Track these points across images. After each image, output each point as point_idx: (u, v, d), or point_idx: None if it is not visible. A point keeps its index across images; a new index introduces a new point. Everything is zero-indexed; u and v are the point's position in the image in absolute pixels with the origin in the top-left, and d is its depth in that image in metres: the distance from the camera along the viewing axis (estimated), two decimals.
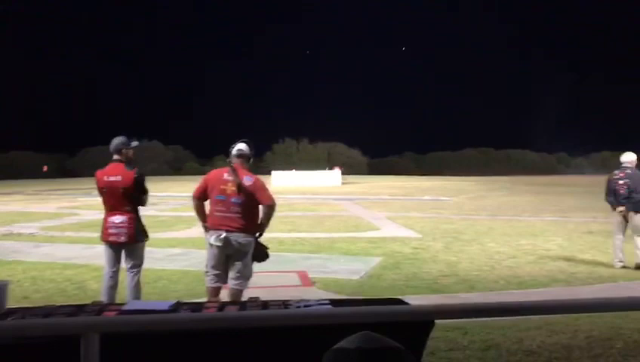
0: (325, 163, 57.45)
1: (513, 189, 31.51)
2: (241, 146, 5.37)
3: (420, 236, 11.88)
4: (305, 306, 3.08)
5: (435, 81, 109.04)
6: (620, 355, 4.52)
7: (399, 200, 23.53)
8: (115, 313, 2.96)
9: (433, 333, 3.43)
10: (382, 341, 0.99)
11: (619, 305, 2.38)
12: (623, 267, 8.20)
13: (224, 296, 5.21)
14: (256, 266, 5.45)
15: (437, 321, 3.01)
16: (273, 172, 38.43)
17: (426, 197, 24.64)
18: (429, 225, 13.97)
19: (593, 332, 4.99)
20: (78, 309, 3.03)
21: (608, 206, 8.67)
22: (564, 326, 5.07)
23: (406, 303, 3.03)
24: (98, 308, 3.06)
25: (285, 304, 3.13)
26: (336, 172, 38.83)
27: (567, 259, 9.06)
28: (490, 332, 4.91)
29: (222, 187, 5.16)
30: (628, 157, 8.48)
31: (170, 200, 21.98)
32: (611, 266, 8.33)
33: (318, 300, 3.28)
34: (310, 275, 7.69)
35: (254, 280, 5.52)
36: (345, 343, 1.00)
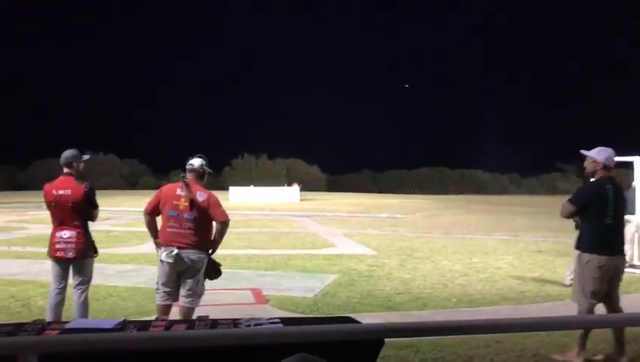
0: (284, 179, 57.28)
1: (467, 208, 32.09)
2: (195, 161, 5.29)
3: (376, 253, 11.95)
4: (255, 325, 3.04)
5: (392, 100, 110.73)
6: None
7: (356, 217, 23.65)
8: (56, 332, 2.86)
9: (384, 352, 3.44)
10: None
11: (565, 324, 2.43)
12: (571, 285, 8.40)
13: (175, 313, 5.11)
14: (210, 283, 5.37)
15: (388, 339, 3.02)
16: (231, 188, 38.13)
17: (382, 215, 24.85)
18: (384, 242, 14.07)
19: (540, 350, 5.10)
20: (17, 328, 2.91)
21: (557, 226, 8.87)
22: (513, 345, 5.16)
23: (357, 321, 3.03)
24: (39, 327, 2.95)
25: (235, 323, 3.10)
26: (295, 188, 38.77)
27: (517, 278, 9.25)
28: (442, 350, 4.96)
29: (174, 202, 5.08)
30: None
31: (124, 215, 21.52)
32: (559, 285, 8.53)
33: (270, 319, 3.25)
34: (264, 293, 7.62)
35: (206, 297, 5.43)
36: None
